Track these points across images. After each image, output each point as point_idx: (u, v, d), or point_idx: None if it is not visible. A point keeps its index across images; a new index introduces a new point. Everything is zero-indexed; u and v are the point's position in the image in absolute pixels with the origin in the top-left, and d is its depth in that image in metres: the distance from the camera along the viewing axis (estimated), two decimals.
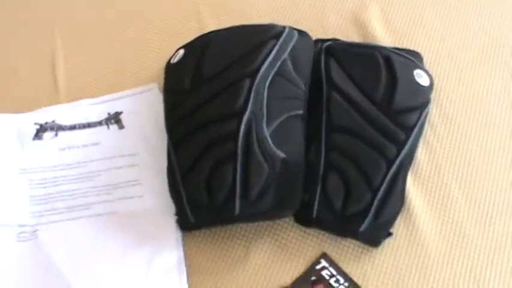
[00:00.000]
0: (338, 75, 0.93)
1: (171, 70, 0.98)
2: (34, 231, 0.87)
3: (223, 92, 0.88)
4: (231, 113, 0.86)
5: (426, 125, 0.96)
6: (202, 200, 0.84)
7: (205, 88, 0.90)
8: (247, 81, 0.88)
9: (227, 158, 0.84)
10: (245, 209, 0.82)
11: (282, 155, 0.85)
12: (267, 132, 0.85)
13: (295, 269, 0.85)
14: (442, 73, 1.03)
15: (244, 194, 0.83)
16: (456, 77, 1.03)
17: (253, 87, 0.87)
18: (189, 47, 0.98)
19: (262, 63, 0.90)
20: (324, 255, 0.86)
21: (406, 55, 0.98)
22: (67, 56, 1.07)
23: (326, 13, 1.11)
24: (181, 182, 0.86)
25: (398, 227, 0.88)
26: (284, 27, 0.96)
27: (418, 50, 1.04)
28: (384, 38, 1.07)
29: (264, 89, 0.88)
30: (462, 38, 1.08)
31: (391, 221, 0.87)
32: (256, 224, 0.88)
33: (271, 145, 0.85)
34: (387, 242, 0.87)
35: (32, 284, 0.83)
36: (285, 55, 0.93)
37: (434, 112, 0.98)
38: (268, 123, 0.86)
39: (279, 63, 0.91)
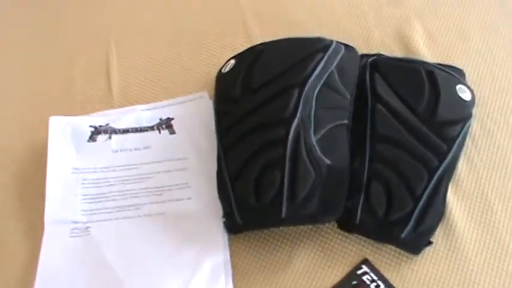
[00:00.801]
0: (382, 88, 0.96)
1: (222, 79, 1.01)
2: (86, 228, 0.91)
3: (273, 100, 0.91)
4: (281, 119, 0.89)
5: (468, 139, 0.98)
6: (251, 202, 0.87)
7: (255, 96, 0.93)
8: (296, 90, 0.91)
9: (276, 162, 0.87)
10: (291, 212, 0.85)
11: (328, 161, 0.88)
12: (314, 140, 0.89)
13: (337, 273, 0.87)
14: (483, 89, 1.05)
15: (291, 197, 0.85)
16: (497, 93, 1.05)
17: (302, 96, 0.91)
18: (240, 57, 1.02)
19: (311, 73, 0.93)
20: (366, 261, 0.88)
21: (448, 71, 1.01)
22: (121, 63, 1.12)
23: (370, 29, 1.14)
24: (230, 185, 0.89)
25: (439, 237, 0.90)
26: (331, 41, 1.00)
27: (460, 66, 1.07)
28: (427, 53, 1.09)
29: (312, 98, 0.92)
30: (504, 56, 1.10)
31: (431, 230, 0.89)
32: (300, 229, 0.91)
33: (318, 152, 0.88)
34: (427, 251, 0.88)
35: (84, 277, 0.87)
36: (332, 67, 0.96)
37: (475, 127, 1.00)
38: (316, 131, 0.89)
39: (326, 74, 0.94)
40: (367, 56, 1.04)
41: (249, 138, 0.90)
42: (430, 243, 0.89)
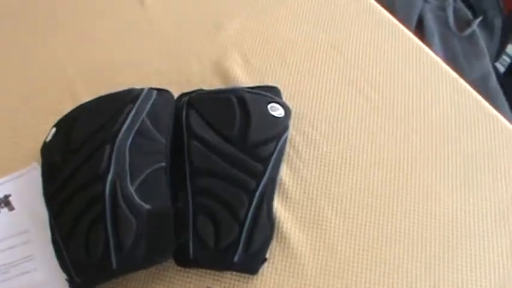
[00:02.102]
0: (196, 124, 1.00)
1: (46, 148, 1.04)
2: None
3: (89, 160, 0.95)
4: (96, 176, 0.92)
5: (291, 152, 1.03)
6: (83, 261, 0.89)
7: (72, 159, 0.96)
8: (108, 146, 0.95)
9: (98, 218, 0.90)
10: (121, 262, 0.88)
11: (147, 206, 0.91)
12: (131, 189, 0.92)
13: None
14: (303, 103, 1.11)
15: (118, 248, 0.88)
16: (316, 104, 1.11)
17: (114, 150, 0.94)
18: (60, 124, 1.05)
19: (121, 126, 0.97)
20: None
21: (261, 92, 1.06)
22: None
23: (190, 69, 1.18)
24: (64, 249, 0.92)
25: (275, 251, 0.94)
26: (142, 89, 1.04)
27: (279, 84, 1.12)
28: (245, 79, 1.14)
29: (125, 149, 0.95)
30: (320, 68, 1.16)
31: (263, 248, 0.93)
32: (144, 274, 0.94)
33: (137, 199, 0.91)
34: (266, 268, 0.93)
35: None
36: (143, 115, 1.00)
37: (298, 139, 1.05)
38: (132, 180, 0.93)
39: (138, 123, 0.98)
40: (186, 94, 1.08)
41: (72, 200, 0.93)
42: (265, 260, 0.93)
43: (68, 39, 1.27)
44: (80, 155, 0.96)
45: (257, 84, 1.13)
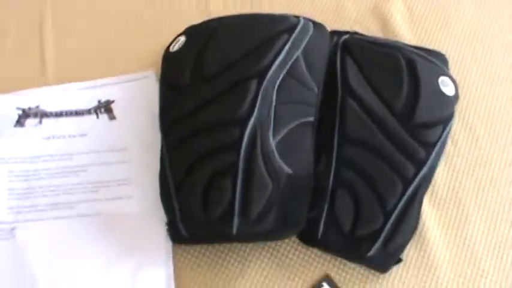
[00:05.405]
0: (355, 79, 0.84)
1: (170, 59, 0.88)
2: (12, 229, 0.80)
3: (227, 94, 0.79)
4: (235, 118, 0.77)
5: (448, 140, 0.88)
6: (197, 214, 0.76)
7: (206, 87, 0.80)
8: (254, 82, 0.79)
9: (227, 169, 0.75)
10: (244, 229, 0.75)
11: (288, 170, 0.76)
12: (273, 143, 0.77)
13: None
14: (467, 80, 0.94)
15: (244, 212, 0.74)
16: (483, 84, 0.95)
17: (261, 90, 0.78)
18: (191, 35, 0.88)
19: (273, 61, 0.80)
20: (327, 278, 0.80)
21: (431, 58, 0.89)
22: (58, 33, 0.98)
23: (344, 2, 1.02)
24: (174, 191, 0.78)
25: (409, 251, 0.81)
26: (299, 19, 0.86)
27: (443, 50, 0.95)
28: (405, 34, 0.98)
29: (273, 92, 0.79)
30: (492, 43, 0.99)
31: (402, 247, 0.80)
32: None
33: (277, 158, 0.76)
34: (396, 267, 0.80)
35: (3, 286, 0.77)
36: (298, 52, 0.83)
37: (457, 125, 0.90)
38: (275, 132, 0.78)
39: (291, 61, 0.82)
40: (339, 33, 0.92)
41: (198, 139, 0.78)
42: (399, 260, 0.80)
43: None
44: (216, 84, 0.80)
45: (417, 41, 0.96)
